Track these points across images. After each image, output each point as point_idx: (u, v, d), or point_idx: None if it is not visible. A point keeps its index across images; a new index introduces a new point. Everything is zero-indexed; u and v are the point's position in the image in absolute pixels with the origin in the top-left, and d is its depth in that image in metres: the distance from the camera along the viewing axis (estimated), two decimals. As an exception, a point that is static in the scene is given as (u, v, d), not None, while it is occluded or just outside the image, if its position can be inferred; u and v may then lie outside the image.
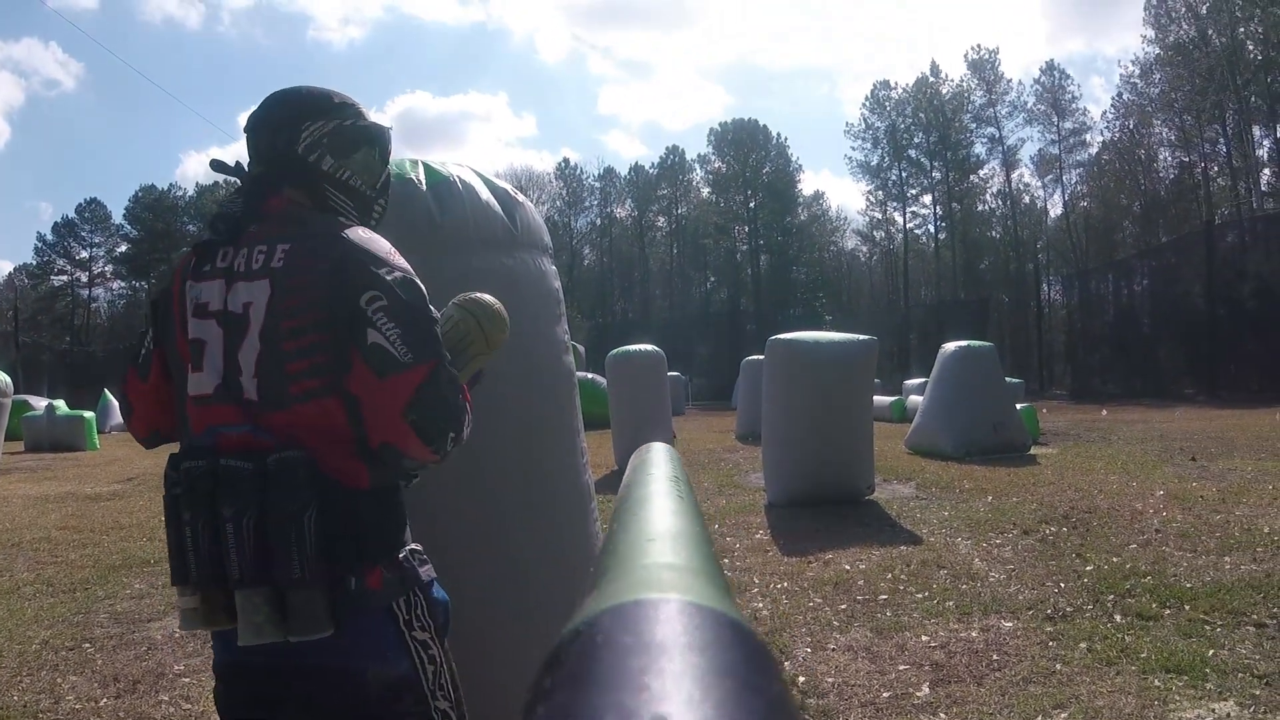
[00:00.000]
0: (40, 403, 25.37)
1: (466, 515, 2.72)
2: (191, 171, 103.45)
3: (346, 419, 1.70)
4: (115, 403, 31.19)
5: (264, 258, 1.73)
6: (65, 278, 67.75)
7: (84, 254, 67.49)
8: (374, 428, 1.68)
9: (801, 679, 4.28)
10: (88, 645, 5.20)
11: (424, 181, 2.79)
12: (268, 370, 1.70)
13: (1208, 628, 4.68)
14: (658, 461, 1.34)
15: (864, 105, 63.14)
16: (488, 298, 2.06)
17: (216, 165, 2.02)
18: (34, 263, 67.58)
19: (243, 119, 1.95)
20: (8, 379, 13.40)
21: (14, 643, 5.26)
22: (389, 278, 1.72)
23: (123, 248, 67.90)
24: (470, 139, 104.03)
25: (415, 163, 2.89)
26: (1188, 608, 5.03)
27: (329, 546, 1.63)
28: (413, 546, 1.83)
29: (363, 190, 1.99)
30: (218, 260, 1.79)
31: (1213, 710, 3.65)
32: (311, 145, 1.92)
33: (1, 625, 5.63)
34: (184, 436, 1.84)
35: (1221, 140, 44.60)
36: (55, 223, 69.67)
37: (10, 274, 70.63)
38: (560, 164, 71.97)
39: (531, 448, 2.91)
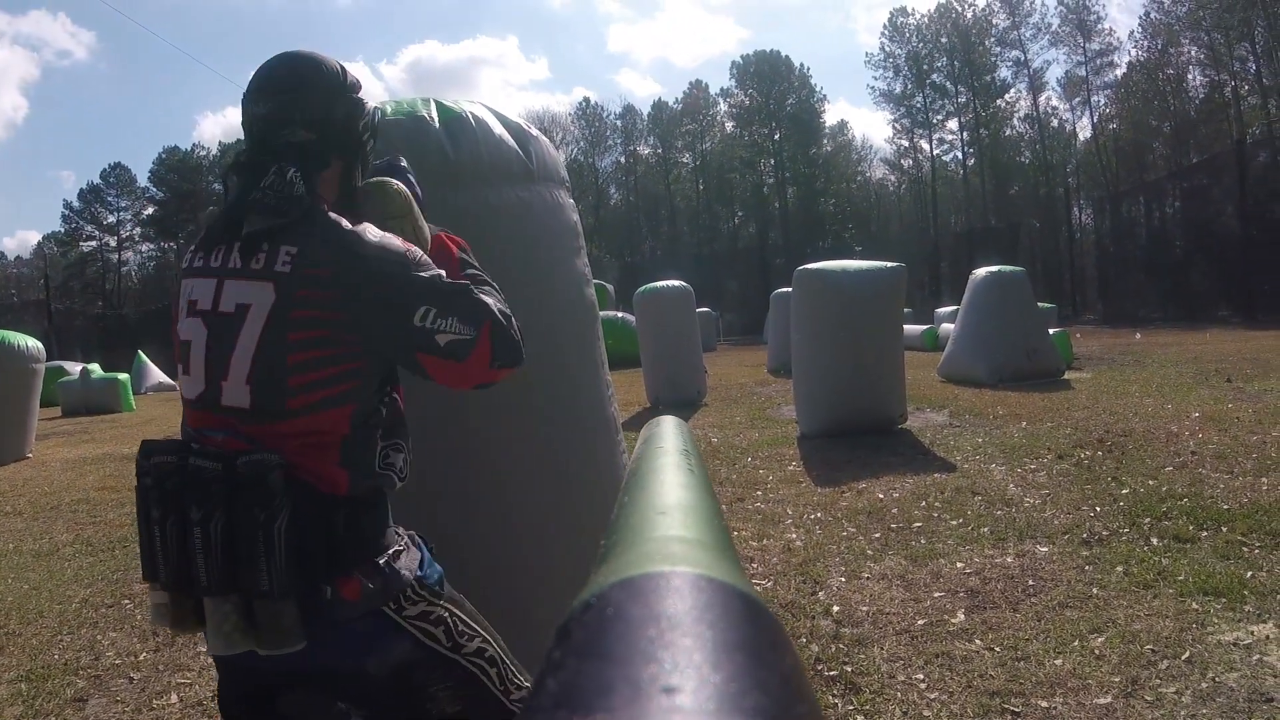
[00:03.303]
0: (75, 368, 25.58)
1: (501, 435, 2.72)
2: (209, 132, 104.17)
3: (350, 426, 1.65)
4: (150, 364, 31.61)
5: (265, 258, 1.62)
6: (94, 243, 67.99)
7: (111, 219, 67.66)
8: (462, 385, 1.75)
9: (836, 608, 4.28)
10: (127, 602, 5.27)
11: (436, 118, 2.76)
12: (265, 380, 1.62)
13: (1245, 550, 4.63)
14: (668, 434, 1.31)
15: (883, 33, 62.10)
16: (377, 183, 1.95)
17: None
18: (62, 230, 68.09)
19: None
20: (40, 345, 13.50)
21: (54, 602, 5.33)
22: (425, 276, 1.67)
23: (150, 210, 68.09)
24: (483, 84, 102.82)
25: (427, 100, 2.85)
26: (1225, 530, 4.98)
27: (300, 557, 1.54)
28: (396, 548, 1.72)
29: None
30: (211, 259, 1.69)
31: (1251, 633, 3.61)
32: (367, 125, 1.87)
33: (42, 586, 5.71)
34: (183, 426, 1.78)
35: (1251, 58, 43.43)
36: (81, 189, 70.10)
37: (39, 243, 71.38)
38: (581, 103, 71.41)
39: (555, 376, 2.89)
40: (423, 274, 1.66)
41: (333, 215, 1.70)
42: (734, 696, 0.34)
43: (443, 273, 1.71)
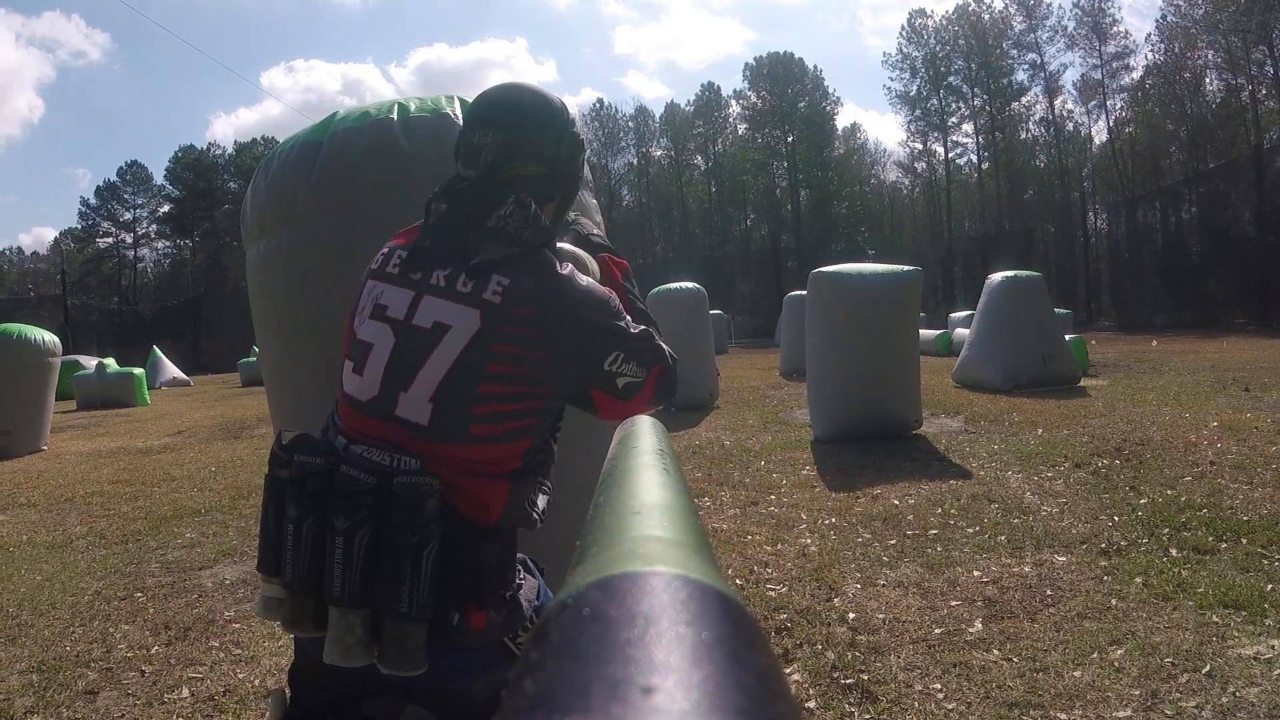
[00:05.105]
0: (91, 362, 25.76)
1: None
2: (221, 131, 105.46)
3: (522, 461, 1.66)
4: (165, 358, 31.77)
5: (475, 284, 1.61)
6: (110, 239, 68.64)
7: (128, 215, 68.36)
8: (615, 418, 1.78)
9: (852, 615, 4.25)
10: (139, 594, 5.28)
11: (460, 115, 2.75)
12: (450, 401, 1.59)
13: (1265, 562, 4.60)
14: (643, 435, 1.31)
15: (900, 34, 62.07)
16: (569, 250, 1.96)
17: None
18: (79, 227, 68.59)
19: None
20: (56, 339, 13.59)
21: (67, 594, 5.35)
22: (621, 324, 1.70)
23: (165, 208, 68.62)
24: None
25: (451, 98, 2.86)
26: (1245, 541, 4.94)
27: (441, 584, 1.53)
28: (519, 580, 1.72)
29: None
30: (412, 273, 1.68)
31: (1272, 646, 3.58)
32: (584, 162, 1.93)
33: (54, 578, 5.74)
34: (329, 420, 1.76)
35: (1269, 62, 43.17)
36: (98, 186, 70.85)
37: (56, 239, 72.04)
38: (594, 104, 71.58)
39: None
40: (620, 322, 1.70)
41: (549, 255, 1.70)
42: (711, 696, 0.35)
43: (630, 318, 1.74)
